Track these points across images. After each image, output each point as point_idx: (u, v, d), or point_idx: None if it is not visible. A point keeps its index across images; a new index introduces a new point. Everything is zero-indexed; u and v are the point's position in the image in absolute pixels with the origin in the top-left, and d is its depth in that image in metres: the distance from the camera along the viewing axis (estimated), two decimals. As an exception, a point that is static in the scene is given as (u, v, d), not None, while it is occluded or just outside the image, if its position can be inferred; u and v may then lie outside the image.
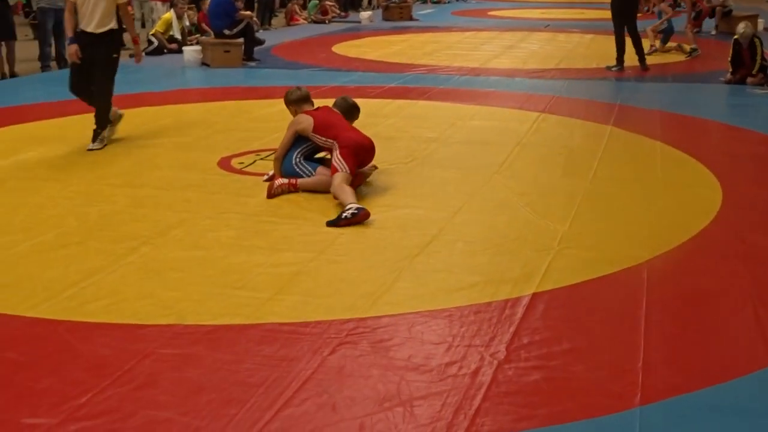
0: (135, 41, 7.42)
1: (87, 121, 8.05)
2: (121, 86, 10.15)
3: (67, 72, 10.59)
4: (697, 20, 13.83)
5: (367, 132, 6.60)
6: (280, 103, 8.20)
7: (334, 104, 6.05)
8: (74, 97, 7.25)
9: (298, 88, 6.10)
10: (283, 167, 5.70)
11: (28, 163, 6.44)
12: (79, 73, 6.88)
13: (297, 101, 5.98)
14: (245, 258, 4.36)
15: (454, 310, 3.72)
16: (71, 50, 6.78)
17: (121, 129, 7.60)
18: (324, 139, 5.56)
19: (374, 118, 8.05)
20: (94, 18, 6.74)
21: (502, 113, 8.38)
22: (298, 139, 5.71)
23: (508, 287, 3.98)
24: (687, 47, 12.95)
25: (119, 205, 5.26)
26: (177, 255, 4.42)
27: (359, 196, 5.27)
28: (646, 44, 12.03)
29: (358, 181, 5.58)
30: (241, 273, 4.15)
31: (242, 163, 6.37)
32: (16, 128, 7.73)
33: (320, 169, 5.60)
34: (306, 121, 5.63)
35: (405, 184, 5.69)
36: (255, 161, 6.42)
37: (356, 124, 6.02)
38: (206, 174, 6.04)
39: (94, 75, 6.82)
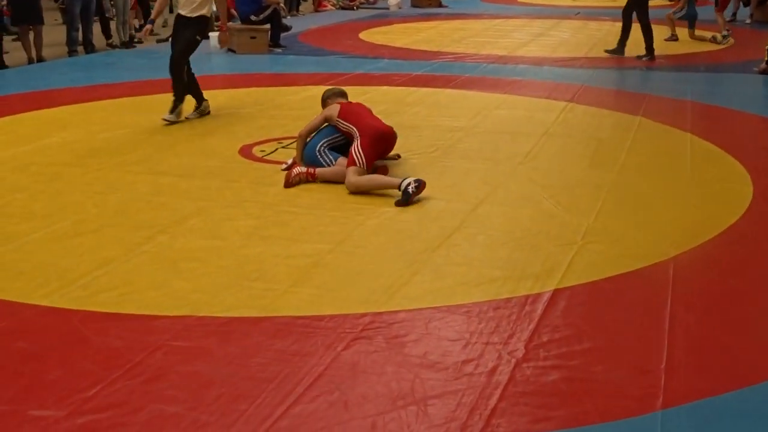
0: (222, 28, 8.03)
1: (111, 106, 8.08)
2: (146, 72, 10.25)
3: (93, 57, 10.65)
4: (722, 3, 13.46)
5: (391, 120, 6.55)
6: (304, 90, 8.18)
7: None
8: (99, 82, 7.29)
9: (333, 88, 6.20)
10: (306, 154, 5.65)
11: (50, 148, 6.43)
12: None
13: (331, 95, 6.03)
14: (263, 249, 4.30)
15: (473, 306, 3.63)
16: (146, 29, 8.09)
17: (144, 115, 7.59)
18: (346, 124, 5.56)
19: (399, 106, 7.96)
20: (190, 3, 7.31)
21: (529, 102, 8.24)
22: (326, 128, 5.71)
23: (528, 283, 3.88)
24: (720, 36, 12.66)
25: (138, 193, 5.22)
26: (193, 244, 4.37)
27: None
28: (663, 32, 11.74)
29: (382, 172, 5.52)
30: (257, 264, 4.09)
31: (263, 150, 6.31)
32: (40, 113, 7.73)
33: (341, 159, 5.52)
34: (334, 108, 5.71)
35: (427, 175, 5.58)
36: (276, 149, 6.36)
37: (380, 111, 5.95)
38: (227, 162, 5.99)
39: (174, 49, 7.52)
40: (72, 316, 3.51)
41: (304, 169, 5.46)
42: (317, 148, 5.61)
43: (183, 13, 7.40)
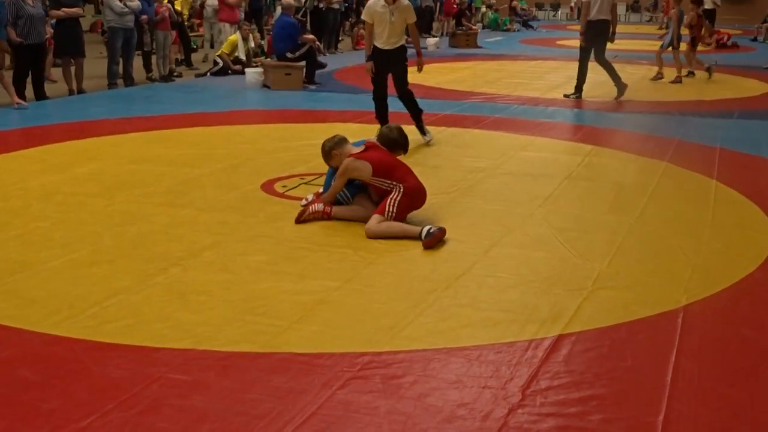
0: (419, 53, 8.29)
1: (142, 138, 8.24)
2: (182, 105, 10.46)
3: (132, 90, 10.95)
4: (693, 46, 13.85)
5: (414, 159, 6.67)
6: (331, 127, 8.24)
7: (379, 134, 5.96)
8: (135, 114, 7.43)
9: (333, 137, 5.69)
10: (325, 182, 5.72)
11: (79, 178, 6.57)
12: (378, 83, 8.16)
13: (337, 144, 5.57)
14: (271, 284, 4.33)
15: (474, 349, 3.61)
16: (367, 66, 8.17)
17: (172, 148, 7.73)
18: (389, 182, 5.33)
19: (424, 145, 8.01)
20: (396, 36, 7.94)
21: (556, 145, 8.23)
22: None
23: (534, 327, 3.86)
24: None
25: (157, 225, 5.31)
26: (204, 278, 4.42)
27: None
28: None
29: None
30: (264, 299, 4.12)
31: (285, 186, 6.38)
32: (73, 144, 7.91)
33: (358, 198, 5.55)
34: (364, 168, 5.35)
35: (443, 215, 5.60)
36: (299, 185, 6.43)
37: (411, 150, 6.04)
38: (247, 196, 6.07)
39: (396, 82, 8.16)
40: (76, 346, 3.56)
41: (320, 207, 5.49)
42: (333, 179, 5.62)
43: (387, 47, 7.92)
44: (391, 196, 5.30)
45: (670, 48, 13.76)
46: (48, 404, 3.08)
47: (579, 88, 11.46)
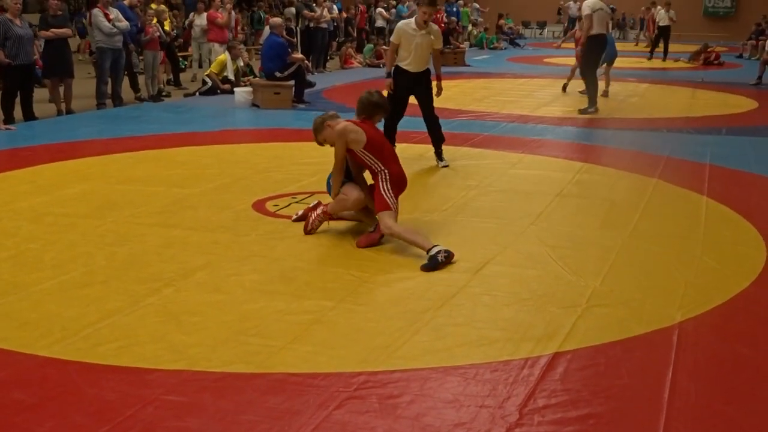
0: (438, 78, 8.28)
1: (131, 159, 8.21)
2: (171, 125, 10.44)
3: (120, 110, 10.92)
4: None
5: (408, 178, 6.62)
6: (324, 147, 8.24)
7: (360, 100, 5.78)
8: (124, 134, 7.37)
9: (326, 112, 5.78)
10: (327, 185, 5.82)
11: (68, 199, 6.53)
12: (396, 102, 8.00)
13: (331, 117, 5.60)
14: (265, 304, 4.31)
15: (470, 368, 3.59)
16: (387, 83, 8.15)
17: (162, 168, 7.70)
18: (374, 160, 5.38)
19: (414, 162, 8.03)
20: (415, 59, 7.91)
21: (546, 162, 8.26)
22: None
23: (529, 345, 3.85)
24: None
25: (148, 245, 5.28)
26: (197, 298, 4.39)
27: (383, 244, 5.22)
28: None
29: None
30: (258, 320, 4.10)
31: (276, 205, 6.37)
32: (62, 164, 7.87)
33: (345, 188, 5.57)
34: (359, 136, 5.33)
35: (437, 233, 5.59)
36: (290, 204, 6.41)
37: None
38: (239, 216, 6.05)
39: (422, 106, 8.26)
40: (70, 368, 3.53)
41: (319, 210, 5.51)
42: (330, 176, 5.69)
43: (412, 70, 7.95)
44: (381, 186, 5.32)
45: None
46: (42, 426, 3.04)
47: (594, 101, 11.79)
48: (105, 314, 4.12)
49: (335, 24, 20.11)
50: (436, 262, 4.89)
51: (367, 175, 5.66)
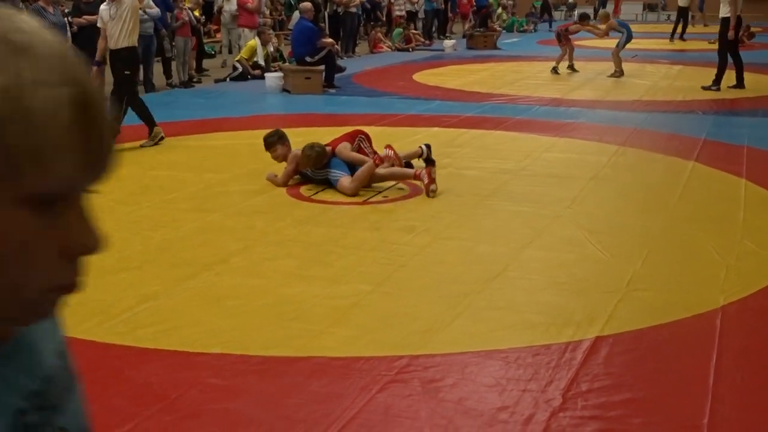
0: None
1: (165, 144, 8.24)
2: (203, 111, 10.47)
3: (152, 96, 10.93)
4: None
5: (439, 161, 6.74)
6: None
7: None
8: (157, 121, 7.48)
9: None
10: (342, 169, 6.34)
11: (104, 185, 6.56)
12: None
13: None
14: (303, 288, 4.31)
15: (511, 352, 3.57)
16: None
17: (196, 153, 7.73)
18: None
19: (447, 147, 7.97)
20: None
21: (580, 145, 8.17)
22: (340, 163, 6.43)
23: (570, 329, 3.81)
24: None
25: (184, 230, 5.30)
26: (235, 282, 4.40)
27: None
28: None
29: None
30: (296, 304, 4.10)
31: (311, 190, 6.36)
32: (97, 150, 7.91)
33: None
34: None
35: (471, 217, 5.57)
36: (324, 188, 6.40)
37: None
38: (274, 200, 6.06)
39: None
40: (110, 351, 3.56)
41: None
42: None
43: None
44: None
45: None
46: (87, 410, 3.06)
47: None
48: (143, 298, 4.14)
49: (367, 7, 20.01)
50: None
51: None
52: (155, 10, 11.97)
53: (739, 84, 12.24)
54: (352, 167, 6.37)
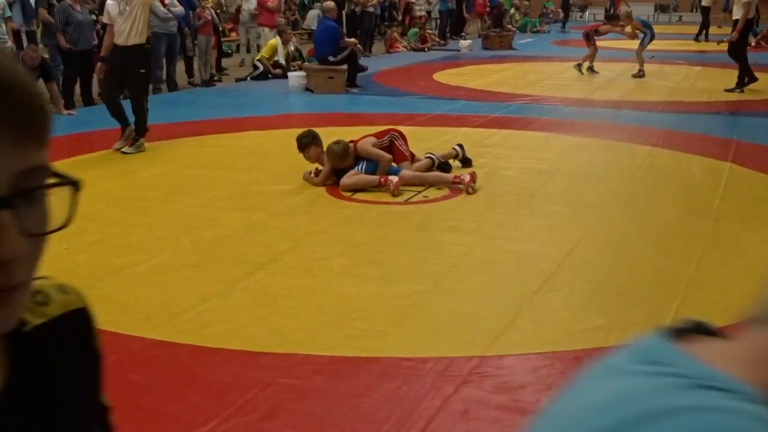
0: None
1: (192, 143, 8.25)
2: (226, 110, 10.45)
3: (175, 95, 10.84)
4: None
5: (475, 161, 6.80)
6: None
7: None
8: (181, 120, 7.44)
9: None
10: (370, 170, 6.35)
11: (139, 183, 6.58)
12: None
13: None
14: (358, 288, 4.30)
15: (582, 353, 3.55)
16: None
17: (228, 151, 7.73)
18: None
19: (480, 147, 7.94)
20: None
21: (612, 146, 8.15)
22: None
23: (635, 330, 3.78)
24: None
25: (231, 229, 5.29)
26: (290, 282, 4.39)
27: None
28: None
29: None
30: (354, 303, 4.09)
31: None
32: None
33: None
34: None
35: (516, 217, 5.55)
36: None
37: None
38: (314, 200, 6.05)
39: None
40: (179, 350, 3.55)
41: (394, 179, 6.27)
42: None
43: None
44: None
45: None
46: (165, 408, 3.06)
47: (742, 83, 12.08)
48: (203, 297, 4.13)
49: (384, 5, 19.98)
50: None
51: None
52: (179, 9, 11.96)
53: (739, 86, 12.04)
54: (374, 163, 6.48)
